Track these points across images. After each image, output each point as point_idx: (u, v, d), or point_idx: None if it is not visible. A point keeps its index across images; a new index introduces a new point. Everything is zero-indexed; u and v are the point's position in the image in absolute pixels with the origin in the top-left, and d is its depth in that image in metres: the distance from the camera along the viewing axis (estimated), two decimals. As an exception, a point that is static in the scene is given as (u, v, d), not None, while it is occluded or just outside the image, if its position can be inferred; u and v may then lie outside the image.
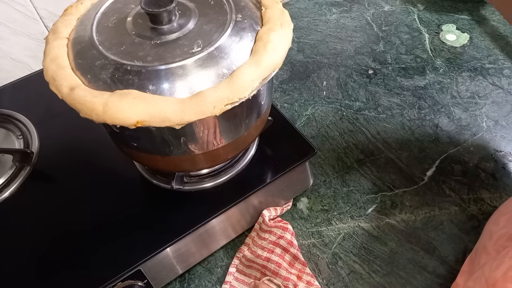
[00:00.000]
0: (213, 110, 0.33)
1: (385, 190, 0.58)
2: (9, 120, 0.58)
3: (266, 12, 0.40)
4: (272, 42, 0.36)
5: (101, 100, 0.33)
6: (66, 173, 0.53)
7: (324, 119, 0.68)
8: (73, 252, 0.46)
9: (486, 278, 0.38)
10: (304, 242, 0.53)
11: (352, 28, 0.84)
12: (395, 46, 0.79)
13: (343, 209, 0.56)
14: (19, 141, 0.56)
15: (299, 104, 0.70)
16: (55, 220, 0.49)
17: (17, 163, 0.52)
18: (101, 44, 0.37)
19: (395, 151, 0.63)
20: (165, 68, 0.34)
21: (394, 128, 0.66)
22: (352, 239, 0.53)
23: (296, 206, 0.57)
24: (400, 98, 0.70)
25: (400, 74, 0.74)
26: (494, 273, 0.38)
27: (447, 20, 0.84)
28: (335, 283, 0.50)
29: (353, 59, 0.77)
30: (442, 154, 0.62)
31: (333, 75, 0.75)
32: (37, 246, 0.47)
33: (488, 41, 0.80)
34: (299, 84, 0.73)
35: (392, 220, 0.55)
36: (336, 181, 0.59)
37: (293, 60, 0.78)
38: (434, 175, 0.60)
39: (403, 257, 0.52)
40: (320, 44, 0.80)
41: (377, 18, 0.85)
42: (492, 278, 0.38)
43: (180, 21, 0.38)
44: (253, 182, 0.51)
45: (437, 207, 0.56)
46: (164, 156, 0.42)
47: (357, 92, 0.72)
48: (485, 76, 0.73)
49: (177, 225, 0.47)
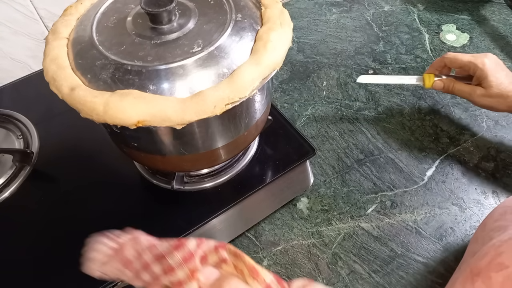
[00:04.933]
0: (213, 109, 0.33)
1: (385, 190, 0.58)
2: (9, 120, 0.58)
3: (266, 11, 0.40)
4: (272, 42, 0.36)
5: (101, 100, 0.33)
6: (66, 173, 0.53)
7: (324, 119, 0.68)
8: (73, 252, 0.46)
9: (471, 268, 0.38)
10: (304, 242, 0.53)
11: (352, 28, 0.84)
12: (395, 46, 0.79)
13: (343, 209, 0.56)
14: (19, 141, 0.56)
15: (299, 104, 0.70)
16: (55, 220, 0.49)
17: (17, 163, 0.52)
18: (101, 44, 0.37)
19: (395, 151, 0.63)
20: (165, 68, 0.34)
21: (394, 128, 0.66)
22: (352, 239, 0.53)
23: (296, 206, 0.57)
24: (400, 98, 0.70)
25: (400, 74, 0.74)
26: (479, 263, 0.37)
27: (447, 20, 0.84)
28: (335, 283, 0.50)
29: (353, 59, 0.77)
30: (442, 154, 0.62)
31: (333, 75, 0.75)
32: (37, 246, 0.47)
33: (488, 41, 0.80)
34: (299, 84, 0.73)
35: (392, 220, 0.55)
36: (336, 181, 0.59)
37: (293, 60, 0.78)
38: (434, 175, 0.60)
39: (403, 257, 0.52)
40: (320, 44, 0.80)
41: (377, 18, 0.85)
42: (476, 268, 0.37)
43: (180, 21, 0.38)
44: (253, 182, 0.51)
45: (437, 207, 0.56)
46: (164, 156, 0.42)
47: (357, 92, 0.72)
48: (485, 76, 0.73)
49: (177, 225, 0.47)
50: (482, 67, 0.56)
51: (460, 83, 0.60)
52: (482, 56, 0.58)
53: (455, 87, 0.60)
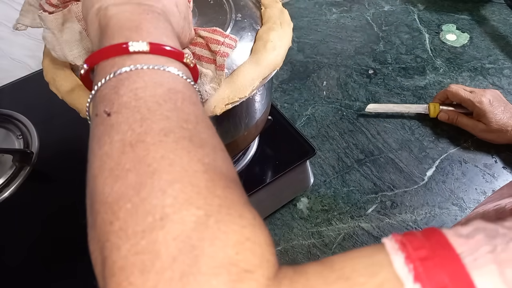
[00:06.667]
0: (213, 110, 0.34)
1: (385, 190, 0.58)
2: (9, 120, 0.58)
3: (266, 11, 0.40)
4: (272, 42, 0.36)
5: (101, 99, 0.33)
6: (66, 173, 0.53)
7: (324, 119, 0.68)
8: (73, 252, 0.46)
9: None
10: (304, 242, 0.53)
11: (352, 28, 0.84)
12: (395, 46, 0.79)
13: (343, 209, 0.56)
14: (19, 141, 0.56)
15: (299, 104, 0.70)
16: (55, 220, 0.48)
17: (17, 163, 0.52)
18: (101, 44, 0.37)
19: (395, 151, 0.63)
20: None
21: (394, 128, 0.66)
22: (352, 239, 0.53)
23: (296, 206, 0.57)
24: (400, 98, 0.70)
25: (400, 74, 0.74)
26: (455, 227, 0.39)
27: (447, 20, 0.84)
28: (335, 283, 0.50)
29: (353, 59, 0.77)
30: (442, 154, 0.62)
31: (333, 75, 0.75)
32: (37, 246, 0.47)
33: (488, 41, 0.80)
34: (299, 84, 0.73)
35: (392, 220, 0.55)
36: (336, 181, 0.59)
37: (293, 60, 0.77)
38: (434, 175, 0.60)
39: (403, 257, 0.52)
40: (320, 44, 0.80)
41: (377, 18, 0.85)
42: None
43: None
44: (253, 182, 0.51)
45: (437, 207, 0.56)
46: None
47: (357, 92, 0.72)
48: (485, 76, 0.73)
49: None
50: (480, 106, 0.59)
51: (463, 117, 0.63)
52: (481, 93, 0.60)
53: (459, 120, 0.63)
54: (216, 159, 0.21)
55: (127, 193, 0.19)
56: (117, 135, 0.20)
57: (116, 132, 0.21)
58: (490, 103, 0.59)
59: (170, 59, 0.24)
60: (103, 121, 0.22)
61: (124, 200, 0.18)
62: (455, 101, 0.64)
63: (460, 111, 0.64)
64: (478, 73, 0.74)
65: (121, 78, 0.22)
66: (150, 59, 0.23)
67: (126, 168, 0.19)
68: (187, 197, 0.18)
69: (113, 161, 0.20)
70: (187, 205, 0.18)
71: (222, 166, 0.21)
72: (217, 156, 0.21)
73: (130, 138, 0.20)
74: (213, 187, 0.19)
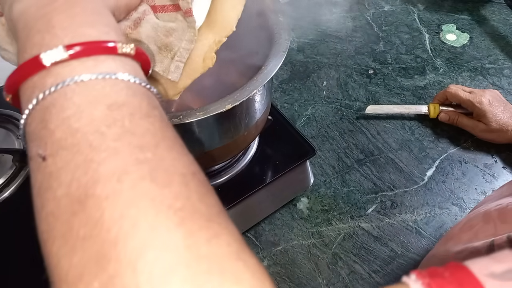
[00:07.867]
0: (204, 64, 0.29)
1: (385, 190, 0.58)
2: (9, 120, 0.58)
3: None
4: None
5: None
6: (66, 173, 0.53)
7: (324, 119, 0.68)
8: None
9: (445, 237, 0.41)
10: (304, 242, 0.53)
11: (352, 28, 0.84)
12: (395, 46, 0.79)
13: (343, 209, 0.56)
14: (19, 141, 0.56)
15: (299, 104, 0.70)
16: (55, 220, 0.48)
17: (17, 163, 0.52)
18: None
19: (395, 151, 0.63)
20: None
21: (394, 128, 0.66)
22: (352, 239, 0.53)
23: (296, 206, 0.57)
24: (400, 98, 0.70)
25: (400, 74, 0.74)
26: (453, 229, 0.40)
27: (447, 20, 0.84)
28: (335, 283, 0.50)
29: (353, 59, 0.77)
30: (442, 154, 0.62)
31: (333, 75, 0.75)
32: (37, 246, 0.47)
33: (488, 41, 0.80)
34: (299, 84, 0.73)
35: (392, 220, 0.55)
36: (336, 181, 0.59)
37: (293, 60, 0.77)
38: (434, 175, 0.60)
39: (403, 257, 0.52)
40: (320, 44, 0.80)
41: (377, 18, 0.85)
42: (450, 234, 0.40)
43: None
44: (253, 182, 0.51)
45: (437, 207, 0.56)
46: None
47: (357, 92, 0.72)
48: (485, 76, 0.73)
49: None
50: (480, 106, 0.59)
51: (464, 117, 0.63)
52: (480, 93, 0.61)
53: (459, 121, 0.63)
54: (190, 195, 0.17)
55: (90, 269, 0.15)
56: (60, 189, 0.17)
57: (58, 185, 0.17)
58: (490, 103, 0.59)
59: (100, 56, 0.19)
60: (39, 168, 0.17)
61: (89, 278, 0.15)
62: (454, 102, 0.65)
63: (460, 112, 0.64)
64: (478, 73, 0.74)
65: (47, 106, 0.17)
66: (74, 68, 0.18)
67: (81, 236, 0.16)
68: (165, 267, 0.15)
69: (63, 225, 0.16)
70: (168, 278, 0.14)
71: (198, 201, 0.17)
72: (190, 189, 0.17)
73: (76, 192, 0.16)
74: (194, 244, 0.15)
